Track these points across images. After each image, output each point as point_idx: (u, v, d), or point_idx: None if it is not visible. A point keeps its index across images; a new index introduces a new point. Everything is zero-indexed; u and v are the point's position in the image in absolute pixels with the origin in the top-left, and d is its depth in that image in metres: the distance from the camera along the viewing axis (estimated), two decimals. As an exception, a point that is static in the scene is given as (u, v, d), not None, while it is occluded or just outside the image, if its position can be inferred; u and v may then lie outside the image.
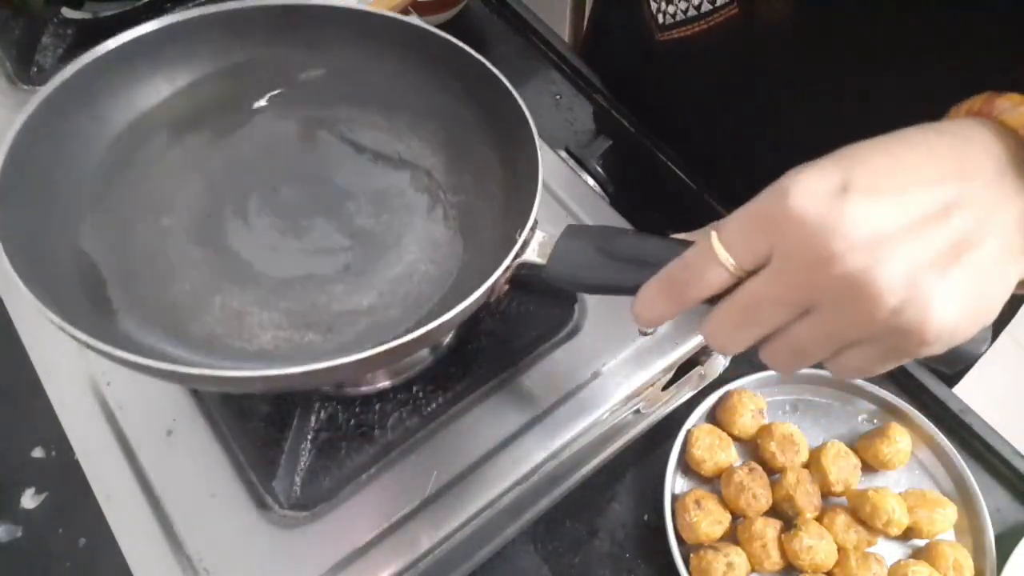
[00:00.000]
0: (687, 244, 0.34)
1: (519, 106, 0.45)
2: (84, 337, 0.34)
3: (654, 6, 0.64)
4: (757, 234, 0.30)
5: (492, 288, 0.38)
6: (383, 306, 0.44)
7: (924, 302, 0.27)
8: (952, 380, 0.65)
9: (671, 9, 0.62)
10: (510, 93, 0.46)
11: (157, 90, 0.49)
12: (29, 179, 0.41)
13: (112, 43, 0.45)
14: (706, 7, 0.59)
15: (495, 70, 0.47)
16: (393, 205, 0.48)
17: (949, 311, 0.28)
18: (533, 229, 0.40)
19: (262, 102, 0.52)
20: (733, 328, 0.32)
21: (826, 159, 0.30)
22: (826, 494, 0.53)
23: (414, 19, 0.53)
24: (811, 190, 0.28)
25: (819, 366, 0.31)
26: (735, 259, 0.30)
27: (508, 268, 0.39)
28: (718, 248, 0.31)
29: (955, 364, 0.33)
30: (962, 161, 0.30)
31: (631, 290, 0.35)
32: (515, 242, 0.40)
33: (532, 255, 0.40)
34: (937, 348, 0.29)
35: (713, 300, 0.32)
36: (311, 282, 0.45)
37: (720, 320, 0.32)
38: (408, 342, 0.35)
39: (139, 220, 0.46)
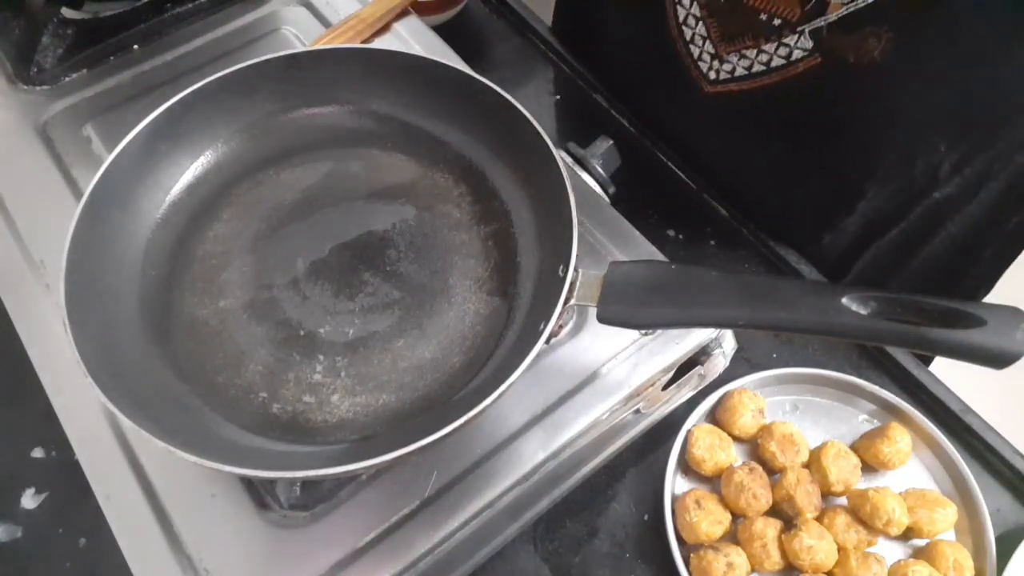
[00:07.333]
0: (737, 277, 0.32)
1: (533, 126, 0.46)
2: (192, 458, 0.35)
3: (703, 66, 0.60)
4: None
5: (548, 337, 0.38)
6: (444, 356, 0.45)
7: None
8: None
9: (726, 67, 0.58)
10: (519, 112, 0.46)
11: (179, 166, 0.50)
12: (88, 293, 0.42)
13: (131, 135, 0.46)
14: (778, 61, 0.55)
15: (499, 89, 0.47)
16: (432, 245, 0.49)
17: None
18: (576, 270, 0.40)
19: (281, 157, 0.52)
20: None
21: None
22: (826, 494, 0.53)
23: (407, 49, 0.52)
24: None
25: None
26: None
27: (560, 314, 0.39)
28: None
29: (1005, 362, 0.33)
30: None
31: (687, 325, 0.34)
32: (558, 276, 0.40)
33: (582, 298, 0.40)
34: None
35: None
36: (373, 341, 0.45)
37: None
38: (485, 408, 0.37)
39: (198, 307, 0.46)
